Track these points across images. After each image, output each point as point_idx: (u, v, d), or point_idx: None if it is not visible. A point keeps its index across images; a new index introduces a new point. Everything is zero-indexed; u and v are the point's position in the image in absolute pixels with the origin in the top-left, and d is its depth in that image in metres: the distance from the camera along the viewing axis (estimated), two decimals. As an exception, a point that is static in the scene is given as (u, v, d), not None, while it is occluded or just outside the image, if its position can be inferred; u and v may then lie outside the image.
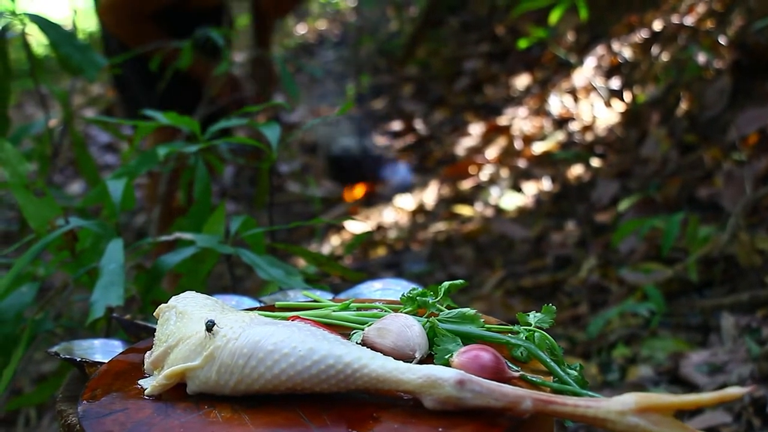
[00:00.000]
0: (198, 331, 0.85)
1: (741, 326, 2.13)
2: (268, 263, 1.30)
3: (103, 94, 5.49)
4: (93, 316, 1.16)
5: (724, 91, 3.14)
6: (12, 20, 1.87)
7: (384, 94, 5.02)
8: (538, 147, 3.82)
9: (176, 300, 0.93)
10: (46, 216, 1.24)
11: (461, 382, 0.77)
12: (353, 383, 0.80)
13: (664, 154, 3.21)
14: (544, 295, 2.81)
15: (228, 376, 0.82)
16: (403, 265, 3.28)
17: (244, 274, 2.99)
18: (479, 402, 0.77)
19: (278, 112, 4.45)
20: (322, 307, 0.99)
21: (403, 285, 1.16)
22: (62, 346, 1.04)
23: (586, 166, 3.52)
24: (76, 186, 4.15)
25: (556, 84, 4.09)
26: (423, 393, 0.78)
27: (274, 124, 1.58)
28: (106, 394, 0.85)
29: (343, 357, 0.80)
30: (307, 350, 0.80)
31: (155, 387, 0.84)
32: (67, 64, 1.94)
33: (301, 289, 1.19)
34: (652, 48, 3.71)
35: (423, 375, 0.78)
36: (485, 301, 2.83)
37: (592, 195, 3.31)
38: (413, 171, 4.12)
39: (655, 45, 3.71)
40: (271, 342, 0.81)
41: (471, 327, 0.92)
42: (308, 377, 0.80)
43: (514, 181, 3.67)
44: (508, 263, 3.11)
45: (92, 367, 0.96)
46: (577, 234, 3.11)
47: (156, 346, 0.89)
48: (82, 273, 1.28)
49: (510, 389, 0.77)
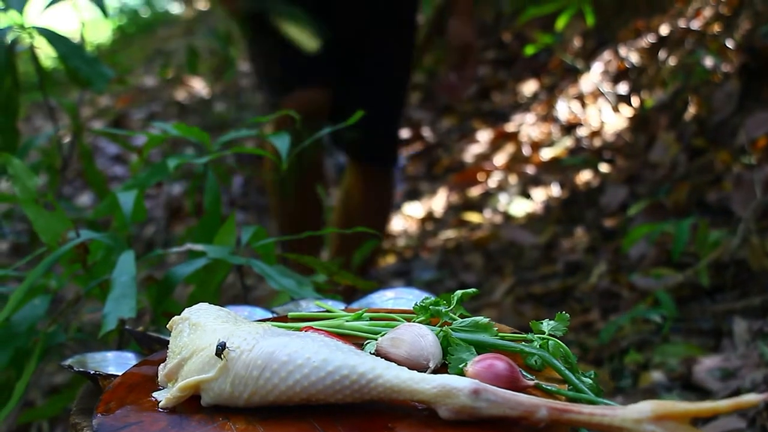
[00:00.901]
0: (212, 343, 0.85)
1: (753, 331, 2.12)
2: (280, 273, 1.30)
3: (111, 105, 5.50)
4: (105, 329, 1.16)
5: (732, 94, 3.13)
6: (21, 34, 1.87)
7: (391, 102, 5.01)
8: (547, 153, 3.81)
9: (189, 312, 0.93)
10: (57, 230, 1.24)
11: (476, 391, 0.77)
12: (368, 393, 0.80)
13: (672, 159, 3.21)
14: (555, 301, 2.80)
15: (242, 388, 0.81)
16: (412, 273, 3.28)
17: (254, 284, 2.99)
18: (494, 411, 0.77)
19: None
20: (334, 317, 0.99)
21: (415, 294, 1.16)
22: (75, 359, 1.04)
23: (594, 171, 3.51)
24: (85, 197, 4.16)
25: (564, 90, 4.09)
26: (438, 403, 0.78)
27: (284, 134, 1.58)
28: (121, 407, 0.85)
29: (358, 367, 0.80)
30: (321, 361, 0.80)
31: (170, 399, 0.84)
32: (75, 77, 1.94)
33: (313, 299, 1.19)
34: (660, 52, 3.71)
35: (437, 385, 0.78)
36: (496, 308, 2.82)
37: (601, 200, 3.31)
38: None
39: (663, 49, 3.70)
40: (285, 353, 0.81)
41: (484, 336, 0.92)
42: (322, 388, 0.80)
43: (522, 187, 3.67)
44: (518, 270, 3.10)
45: (106, 380, 0.96)
46: (586, 240, 3.11)
47: (170, 358, 0.89)
48: (94, 285, 1.29)
49: (525, 398, 0.77)
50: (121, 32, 7.93)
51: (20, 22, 1.84)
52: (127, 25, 8.22)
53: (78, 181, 4.15)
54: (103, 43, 7.35)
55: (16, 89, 1.88)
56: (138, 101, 5.69)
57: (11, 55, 1.85)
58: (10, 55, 1.83)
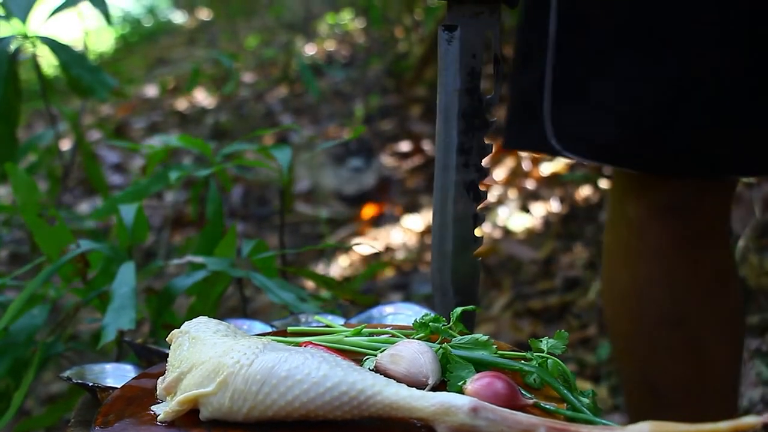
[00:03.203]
0: (211, 357, 0.85)
1: (751, 350, 2.12)
2: (280, 287, 1.30)
3: (112, 114, 5.51)
4: (105, 340, 1.16)
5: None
6: (24, 42, 1.88)
7: (392, 115, 5.03)
8: (547, 168, 3.82)
9: (189, 325, 0.93)
10: (59, 243, 1.24)
11: (475, 409, 0.77)
12: (366, 410, 0.80)
13: (672, 176, 3.21)
14: (553, 317, 2.80)
15: (241, 403, 0.81)
16: (411, 287, 3.28)
17: (252, 295, 2.99)
18: (493, 430, 0.77)
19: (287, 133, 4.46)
20: (334, 333, 0.99)
21: (414, 310, 1.16)
22: (74, 370, 1.04)
23: (594, 187, 3.52)
24: (84, 205, 4.16)
25: (565, 105, 4.09)
26: (437, 420, 0.78)
27: (286, 146, 1.59)
28: (119, 420, 0.85)
29: (357, 384, 0.80)
30: (321, 377, 0.80)
31: (168, 413, 0.84)
32: (77, 86, 1.95)
33: (312, 314, 1.19)
34: (661, 69, 3.71)
35: (437, 402, 0.78)
36: (494, 322, 2.82)
37: (600, 216, 3.31)
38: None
39: (664, 66, 3.70)
40: (285, 368, 0.81)
41: (484, 353, 0.92)
42: (321, 404, 0.80)
43: (522, 202, 3.67)
44: (516, 285, 3.10)
45: (104, 392, 0.96)
46: (586, 255, 3.11)
47: (169, 371, 0.88)
48: (94, 296, 1.29)
49: (524, 417, 0.77)
50: (123, 41, 7.95)
51: (23, 31, 1.85)
52: (129, 34, 8.24)
53: (78, 189, 4.15)
54: (106, 52, 7.35)
55: (17, 98, 1.88)
56: (139, 110, 5.69)
57: (13, 64, 1.85)
58: (12, 63, 1.83)
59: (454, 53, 1.03)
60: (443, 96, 1.04)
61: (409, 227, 3.81)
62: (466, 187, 1.06)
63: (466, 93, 1.04)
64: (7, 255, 3.17)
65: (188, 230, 3.66)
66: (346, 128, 4.91)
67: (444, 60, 1.04)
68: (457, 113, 1.04)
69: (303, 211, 4.14)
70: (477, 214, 1.07)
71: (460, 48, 1.03)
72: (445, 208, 1.06)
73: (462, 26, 1.02)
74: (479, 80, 1.04)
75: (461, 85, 1.04)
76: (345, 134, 4.72)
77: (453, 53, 1.03)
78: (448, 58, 1.03)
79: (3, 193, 3.65)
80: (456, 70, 1.03)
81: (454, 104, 1.04)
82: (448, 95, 1.04)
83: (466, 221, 1.07)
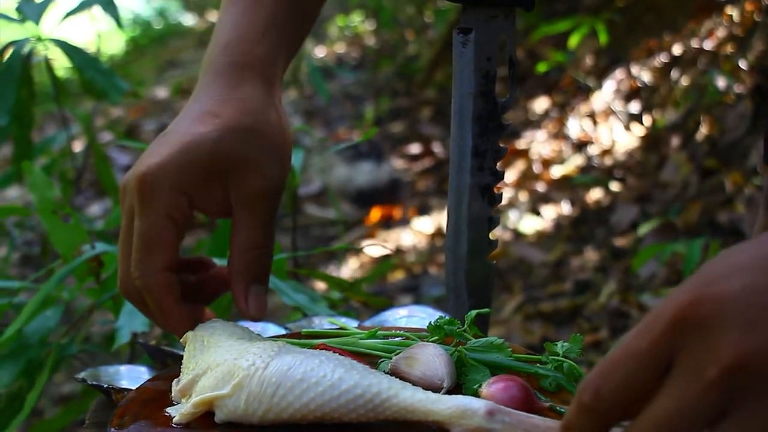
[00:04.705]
0: (226, 360, 0.85)
1: None
2: (292, 289, 1.30)
3: (123, 116, 5.52)
4: (119, 342, 1.16)
5: (745, 115, 3.13)
6: (37, 45, 1.88)
7: (402, 117, 5.03)
8: (557, 171, 3.82)
9: (203, 328, 0.93)
10: (74, 242, 1.24)
11: (491, 412, 0.76)
12: (382, 413, 0.80)
13: (684, 179, 3.20)
14: (564, 320, 2.80)
15: (257, 405, 0.81)
16: (421, 289, 3.28)
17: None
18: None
19: (296, 135, 4.46)
20: (348, 335, 0.99)
21: (428, 312, 1.16)
22: (88, 372, 1.04)
23: (605, 190, 3.51)
24: (95, 207, 4.17)
25: (575, 108, 4.09)
26: (453, 424, 0.77)
27: (297, 148, 1.59)
28: (134, 422, 0.85)
29: (373, 387, 0.80)
30: (336, 379, 0.80)
31: (184, 415, 0.84)
32: (90, 89, 1.95)
33: (325, 316, 1.19)
34: (672, 72, 3.71)
35: (453, 405, 0.78)
36: (504, 325, 2.82)
37: (611, 219, 3.31)
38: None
39: (675, 69, 3.70)
40: (300, 371, 0.81)
41: (499, 356, 0.91)
42: (337, 406, 0.80)
43: (532, 204, 3.67)
44: (527, 287, 3.10)
45: (119, 394, 0.96)
46: (596, 258, 3.11)
47: (184, 374, 0.88)
48: (107, 298, 1.29)
49: (540, 420, 0.77)
50: (133, 43, 7.96)
51: (37, 34, 1.85)
52: (139, 36, 8.25)
53: (89, 191, 4.16)
54: (116, 54, 7.37)
55: (31, 100, 1.89)
56: (150, 112, 5.71)
57: (27, 67, 1.86)
58: (26, 66, 1.84)
59: (468, 56, 1.03)
60: (457, 99, 1.04)
61: (419, 229, 3.81)
62: (480, 190, 1.06)
63: (480, 96, 1.04)
64: (18, 257, 3.18)
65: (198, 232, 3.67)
66: (356, 130, 4.91)
67: (458, 63, 1.04)
68: (471, 116, 1.04)
69: (313, 213, 4.14)
70: (491, 217, 1.07)
71: (475, 51, 1.03)
72: (460, 211, 1.06)
73: (477, 29, 1.02)
74: (494, 83, 1.04)
75: (476, 88, 1.03)
76: (355, 136, 4.72)
77: (468, 56, 1.03)
78: (463, 61, 1.03)
79: (14, 195, 3.66)
80: (471, 73, 1.03)
81: (469, 107, 1.04)
82: (462, 98, 1.04)
83: (481, 224, 1.07)
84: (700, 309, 0.59)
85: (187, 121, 0.96)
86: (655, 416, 0.60)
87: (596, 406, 0.62)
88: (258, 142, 0.95)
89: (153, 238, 0.92)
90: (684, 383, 0.59)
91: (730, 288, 0.59)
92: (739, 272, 0.60)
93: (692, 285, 0.60)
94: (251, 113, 0.96)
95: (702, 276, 0.61)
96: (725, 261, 0.61)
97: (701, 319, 0.59)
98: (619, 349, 0.62)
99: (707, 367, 0.58)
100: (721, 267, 0.61)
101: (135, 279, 0.93)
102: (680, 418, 0.59)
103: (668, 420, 0.60)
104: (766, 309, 0.58)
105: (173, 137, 0.94)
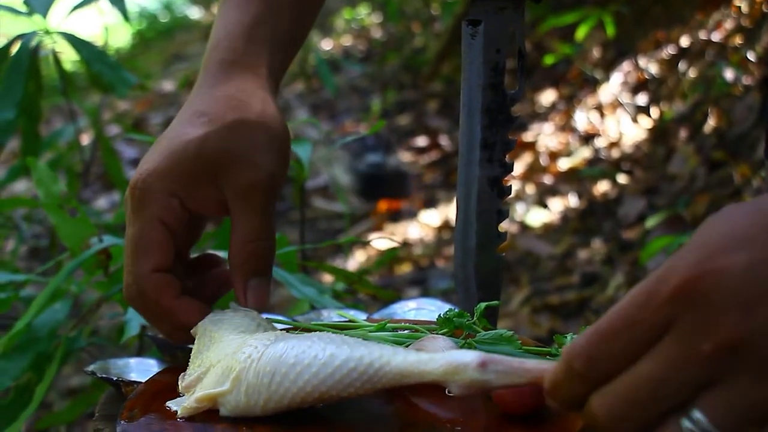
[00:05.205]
0: (226, 355, 0.85)
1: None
2: (301, 281, 1.30)
3: (130, 109, 5.53)
4: (128, 335, 1.16)
5: (753, 107, 3.12)
6: (44, 38, 1.88)
7: (409, 110, 5.03)
8: (564, 163, 3.81)
9: (211, 321, 0.93)
10: (81, 236, 1.24)
11: (483, 364, 0.75)
12: (378, 382, 0.79)
13: (691, 171, 3.20)
14: (571, 312, 2.80)
15: (257, 397, 0.81)
16: (428, 282, 3.28)
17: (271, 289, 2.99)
18: (504, 381, 0.75)
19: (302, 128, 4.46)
20: (357, 328, 0.99)
21: (437, 305, 1.16)
22: (98, 365, 1.04)
23: (612, 182, 3.51)
24: (102, 201, 4.17)
25: (582, 100, 4.09)
26: (448, 380, 0.76)
27: (306, 141, 1.59)
28: (145, 415, 0.85)
29: (365, 358, 0.79)
30: (328, 357, 0.80)
31: (186, 409, 0.84)
32: (98, 82, 1.95)
33: (334, 309, 1.19)
34: (680, 64, 3.70)
35: (444, 362, 0.76)
36: (512, 318, 2.82)
37: (618, 212, 3.30)
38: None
39: (683, 61, 3.69)
40: (292, 355, 0.81)
41: (508, 348, 0.91)
42: (333, 384, 0.80)
43: (539, 197, 3.66)
44: (534, 280, 3.10)
45: (129, 387, 0.96)
46: (603, 251, 3.10)
47: (190, 369, 0.89)
48: (116, 291, 1.29)
49: (534, 363, 0.75)
50: (140, 36, 7.96)
51: (44, 27, 1.85)
52: (146, 29, 8.26)
53: (96, 184, 4.17)
54: (123, 48, 7.37)
55: (38, 93, 1.89)
56: (156, 105, 5.71)
57: (35, 60, 1.86)
58: (33, 59, 1.84)
59: (477, 48, 1.02)
60: (467, 91, 1.04)
61: (426, 222, 3.81)
62: (489, 182, 1.05)
63: (489, 88, 1.03)
64: (26, 250, 3.18)
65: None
66: (362, 123, 4.91)
67: (467, 55, 1.03)
68: (480, 108, 1.04)
69: (320, 206, 4.14)
70: (500, 210, 1.07)
71: (484, 43, 1.02)
72: (469, 203, 1.06)
73: (486, 21, 1.02)
74: (503, 75, 1.04)
75: (485, 80, 1.03)
76: (361, 129, 4.71)
77: (477, 48, 1.02)
78: (472, 53, 1.03)
79: (22, 189, 3.67)
80: (480, 65, 1.03)
81: (478, 99, 1.03)
82: (471, 90, 1.04)
83: (490, 217, 1.06)
84: (702, 283, 0.59)
85: (178, 124, 0.97)
86: (638, 378, 0.61)
87: (587, 374, 0.63)
88: (247, 134, 0.95)
89: (143, 242, 0.92)
90: (675, 352, 0.60)
91: (732, 263, 0.59)
92: (742, 245, 0.59)
93: (694, 256, 0.60)
94: (238, 108, 0.96)
95: (703, 246, 0.61)
96: (727, 229, 0.61)
97: (702, 294, 0.59)
98: (614, 316, 0.62)
99: (703, 340, 0.59)
100: (722, 237, 0.60)
101: (130, 285, 0.93)
102: (662, 384, 0.60)
103: (650, 383, 0.60)
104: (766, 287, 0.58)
105: (164, 142, 0.95)
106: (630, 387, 0.61)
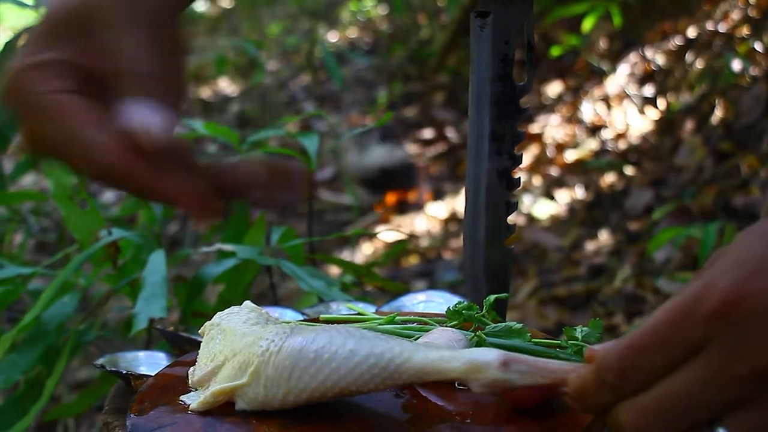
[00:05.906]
0: (242, 349, 0.85)
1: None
2: (309, 274, 1.30)
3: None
4: (136, 328, 1.16)
5: (760, 98, 3.11)
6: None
7: (415, 102, 5.02)
8: (571, 155, 3.80)
9: (220, 317, 0.93)
10: (91, 228, 1.24)
11: (506, 363, 0.75)
12: (399, 378, 0.79)
13: (699, 162, 3.19)
14: (579, 304, 2.79)
15: (276, 390, 0.81)
16: (435, 274, 3.28)
17: (277, 282, 3.00)
18: (527, 381, 0.75)
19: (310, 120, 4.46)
20: (367, 320, 0.99)
21: (446, 297, 1.16)
22: (107, 358, 1.04)
23: (619, 174, 3.50)
24: (109, 194, 4.17)
25: (589, 91, 4.08)
26: (469, 379, 0.76)
27: (313, 133, 1.59)
28: (154, 408, 0.85)
29: (386, 354, 0.79)
30: (348, 352, 0.80)
31: (202, 404, 0.84)
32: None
33: (343, 301, 1.19)
34: (687, 55, 3.69)
35: (466, 361, 0.76)
36: (519, 310, 2.81)
37: (625, 203, 3.29)
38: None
39: (690, 52, 3.68)
40: (312, 349, 0.81)
41: (518, 341, 0.91)
42: (353, 380, 0.79)
43: (546, 189, 3.66)
44: (541, 272, 3.10)
45: (138, 380, 0.97)
46: (611, 243, 3.10)
47: (201, 363, 0.88)
48: (125, 284, 1.29)
49: (557, 364, 0.75)
50: (145, 29, 7.95)
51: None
52: (151, 22, 8.24)
53: (103, 177, 4.16)
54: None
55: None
56: (162, 98, 5.69)
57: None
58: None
59: (486, 40, 1.02)
60: (475, 83, 1.04)
61: (433, 214, 3.80)
62: (498, 174, 1.05)
63: (498, 80, 1.03)
64: (33, 243, 3.19)
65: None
66: (369, 115, 4.90)
67: (476, 47, 1.03)
68: (489, 100, 1.03)
69: (327, 199, 4.14)
70: (509, 202, 1.07)
71: (493, 34, 1.02)
72: (478, 195, 1.06)
73: (494, 13, 1.02)
74: (512, 67, 1.03)
75: (494, 72, 1.03)
76: (368, 121, 4.71)
77: (485, 40, 1.02)
78: (481, 45, 1.03)
79: (30, 182, 3.67)
80: (488, 57, 1.02)
81: (487, 91, 1.03)
82: (480, 82, 1.03)
83: (499, 209, 1.06)
84: (740, 306, 0.59)
85: None
86: (668, 393, 0.61)
87: (619, 386, 0.63)
88: None
89: None
90: (709, 372, 0.59)
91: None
92: None
93: (733, 275, 0.60)
94: None
95: (740, 266, 0.60)
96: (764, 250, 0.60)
97: (740, 317, 0.59)
98: (649, 332, 0.62)
99: (738, 363, 0.58)
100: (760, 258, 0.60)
101: None
102: (692, 401, 0.60)
103: (681, 400, 0.60)
104: None
105: None
106: (660, 401, 0.61)
